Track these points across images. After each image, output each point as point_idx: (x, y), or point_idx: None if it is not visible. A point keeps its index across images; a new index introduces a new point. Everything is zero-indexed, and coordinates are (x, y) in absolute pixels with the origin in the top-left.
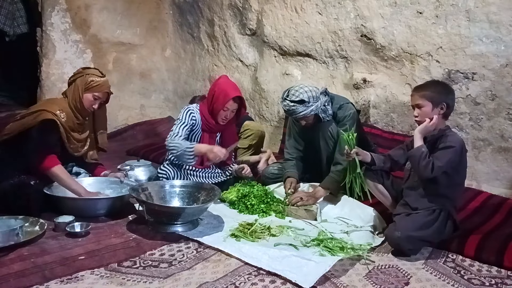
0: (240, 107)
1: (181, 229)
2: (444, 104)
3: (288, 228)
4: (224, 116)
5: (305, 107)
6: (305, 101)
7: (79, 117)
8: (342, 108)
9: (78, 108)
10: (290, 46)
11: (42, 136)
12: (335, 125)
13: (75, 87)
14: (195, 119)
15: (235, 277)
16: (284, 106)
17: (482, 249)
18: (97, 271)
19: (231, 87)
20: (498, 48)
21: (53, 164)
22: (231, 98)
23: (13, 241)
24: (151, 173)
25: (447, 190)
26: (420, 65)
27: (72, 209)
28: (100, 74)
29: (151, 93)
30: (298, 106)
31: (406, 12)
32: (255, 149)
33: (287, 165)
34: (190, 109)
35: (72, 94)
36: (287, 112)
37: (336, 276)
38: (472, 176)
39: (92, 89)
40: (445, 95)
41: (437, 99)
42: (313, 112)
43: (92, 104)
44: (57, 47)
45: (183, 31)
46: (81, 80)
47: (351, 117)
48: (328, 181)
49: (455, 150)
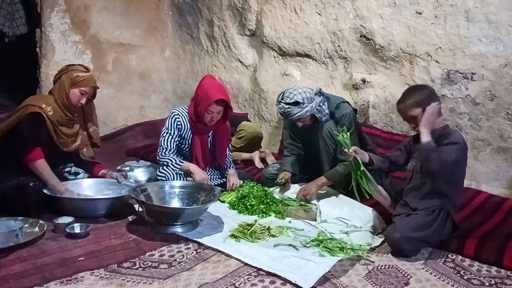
0: (225, 108)
1: (180, 230)
2: (432, 103)
3: (287, 228)
4: (209, 118)
5: (300, 108)
6: (299, 102)
7: (67, 113)
8: (339, 107)
9: (65, 104)
10: (289, 47)
11: (29, 129)
12: (333, 124)
13: (61, 84)
14: (181, 124)
15: (235, 277)
16: (279, 109)
17: (481, 249)
18: (96, 272)
19: (215, 89)
20: (497, 48)
21: (37, 157)
22: (213, 101)
23: (12, 242)
24: (150, 174)
25: (446, 188)
26: (419, 65)
27: (71, 210)
28: (85, 70)
29: (150, 93)
30: (293, 108)
31: (405, 12)
32: (247, 149)
33: (285, 161)
34: (175, 114)
35: (59, 91)
36: (282, 114)
37: (336, 277)
38: (472, 176)
39: (78, 84)
40: (427, 95)
41: (425, 102)
42: (308, 113)
43: (79, 99)
44: (56, 47)
45: (182, 31)
46: (67, 76)
47: (348, 116)
48: (331, 172)
49: (460, 146)
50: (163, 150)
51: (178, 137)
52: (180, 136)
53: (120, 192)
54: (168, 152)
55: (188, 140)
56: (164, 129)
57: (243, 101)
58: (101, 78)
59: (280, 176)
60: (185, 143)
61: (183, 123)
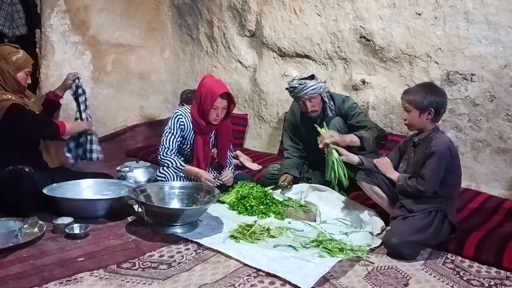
0: (229, 103)
1: (180, 230)
2: (431, 109)
3: (287, 229)
4: (215, 115)
5: (315, 81)
6: (314, 76)
7: (21, 95)
8: (345, 101)
9: (17, 89)
10: (289, 48)
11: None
12: (341, 121)
13: (2, 74)
14: (184, 124)
15: (235, 278)
16: (293, 85)
17: (481, 250)
18: (96, 273)
19: (217, 84)
20: (496, 49)
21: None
22: (218, 95)
23: (12, 243)
24: (150, 174)
25: (442, 191)
26: (419, 66)
27: (71, 211)
28: (16, 49)
29: (150, 94)
30: (308, 81)
31: (405, 13)
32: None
33: (286, 163)
34: (178, 115)
35: (5, 81)
36: (296, 88)
37: (335, 277)
38: (471, 177)
39: (21, 67)
40: (431, 101)
41: (423, 106)
42: (322, 90)
43: (26, 79)
44: (56, 48)
45: (182, 32)
46: (6, 64)
47: (357, 105)
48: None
49: (439, 156)
50: (164, 150)
51: (180, 138)
52: (182, 137)
53: (120, 193)
54: (169, 152)
55: (190, 141)
56: (166, 129)
57: (243, 102)
58: (100, 78)
59: (281, 179)
60: (187, 143)
61: (185, 123)
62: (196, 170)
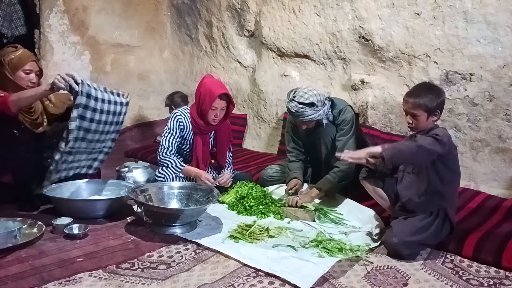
0: (228, 104)
1: (179, 230)
2: (438, 111)
3: (286, 229)
4: (214, 115)
5: (314, 110)
6: (314, 104)
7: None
8: (341, 112)
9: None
10: (288, 48)
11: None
12: (334, 129)
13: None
14: (183, 125)
15: (234, 278)
16: (291, 108)
17: (480, 250)
18: (95, 273)
19: (216, 85)
20: (495, 49)
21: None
22: (216, 96)
23: (11, 243)
24: (149, 174)
25: (441, 188)
26: (418, 66)
27: (70, 211)
28: (14, 49)
29: (149, 94)
30: (307, 109)
31: (404, 13)
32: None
33: (292, 166)
34: (178, 115)
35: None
36: (293, 113)
37: (335, 277)
38: (470, 176)
39: (17, 65)
40: (438, 102)
41: (432, 108)
42: (320, 117)
43: (28, 79)
44: (55, 48)
45: (181, 32)
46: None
47: (348, 121)
48: (321, 182)
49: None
50: (164, 150)
51: (180, 138)
52: (181, 137)
53: (119, 193)
54: (169, 152)
55: (189, 141)
56: (166, 129)
57: (242, 102)
58: (100, 79)
59: (290, 185)
60: (186, 143)
61: (185, 123)
62: (196, 170)
